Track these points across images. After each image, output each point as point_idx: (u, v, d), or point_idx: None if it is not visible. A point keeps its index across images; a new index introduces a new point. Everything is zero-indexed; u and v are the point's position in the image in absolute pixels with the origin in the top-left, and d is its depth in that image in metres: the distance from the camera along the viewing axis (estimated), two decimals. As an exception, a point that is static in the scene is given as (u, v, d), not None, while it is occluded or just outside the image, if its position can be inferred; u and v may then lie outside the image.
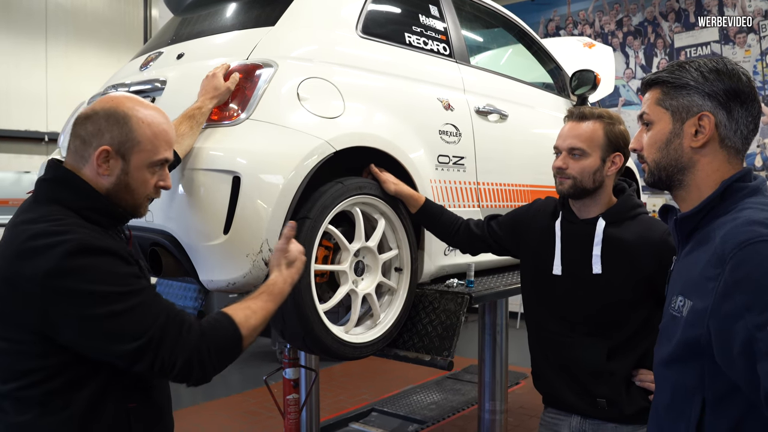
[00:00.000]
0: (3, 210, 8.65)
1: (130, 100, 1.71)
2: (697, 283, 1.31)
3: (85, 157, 1.65)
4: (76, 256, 1.48)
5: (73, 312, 1.48)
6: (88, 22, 9.43)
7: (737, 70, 1.41)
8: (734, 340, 1.19)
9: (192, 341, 1.57)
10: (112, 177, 1.66)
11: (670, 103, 1.46)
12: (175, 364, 1.54)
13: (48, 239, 1.49)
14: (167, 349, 1.53)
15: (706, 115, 1.41)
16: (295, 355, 3.55)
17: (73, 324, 1.49)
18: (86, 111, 1.68)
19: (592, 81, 3.91)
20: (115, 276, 1.52)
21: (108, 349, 1.51)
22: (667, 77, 1.47)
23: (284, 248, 1.92)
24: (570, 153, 2.24)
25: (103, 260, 1.52)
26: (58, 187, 1.64)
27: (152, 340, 1.51)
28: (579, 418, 2.28)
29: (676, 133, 1.45)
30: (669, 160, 1.47)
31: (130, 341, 1.50)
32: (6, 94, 8.68)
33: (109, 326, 1.49)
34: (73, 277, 1.47)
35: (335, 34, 2.67)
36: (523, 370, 6.01)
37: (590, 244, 2.21)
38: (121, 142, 1.65)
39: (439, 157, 2.89)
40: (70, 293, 1.47)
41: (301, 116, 2.34)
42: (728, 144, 1.42)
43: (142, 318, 1.52)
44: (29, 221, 1.57)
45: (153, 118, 1.70)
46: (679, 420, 1.37)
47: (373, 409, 5.58)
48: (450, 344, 2.53)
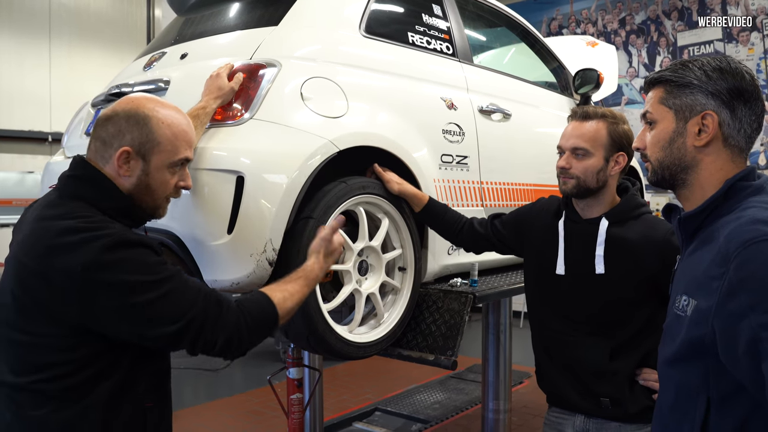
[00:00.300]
0: (6, 210, 8.67)
1: (151, 101, 1.73)
2: (702, 282, 1.31)
3: (105, 158, 1.67)
4: (114, 250, 1.53)
5: (113, 303, 1.52)
6: (91, 23, 9.45)
7: (741, 68, 1.41)
8: (739, 340, 1.19)
9: (231, 320, 1.64)
10: (133, 178, 1.69)
11: (673, 102, 1.46)
12: (216, 342, 1.62)
13: (83, 234, 1.52)
14: (209, 329, 1.60)
15: (710, 114, 1.41)
16: (298, 354, 3.55)
17: (114, 314, 1.54)
18: (107, 112, 1.70)
19: (596, 80, 3.91)
20: (149, 266, 1.57)
21: (150, 334, 1.57)
22: (671, 76, 1.46)
23: (328, 238, 1.99)
24: (573, 152, 2.24)
25: (136, 252, 1.57)
26: (85, 184, 1.66)
27: (193, 320, 1.58)
28: (583, 417, 2.28)
29: (680, 132, 1.45)
30: (672, 159, 1.46)
31: (170, 324, 1.56)
32: (9, 94, 8.70)
33: (149, 313, 1.55)
34: (111, 270, 1.51)
35: (338, 33, 2.67)
36: (526, 369, 6.01)
37: (593, 244, 2.21)
38: (142, 143, 1.67)
39: (442, 157, 2.89)
40: (109, 286, 1.51)
41: (305, 116, 2.34)
42: (732, 143, 1.41)
43: (178, 302, 1.58)
44: (57, 217, 1.59)
45: (173, 119, 1.73)
46: (684, 420, 1.37)
47: (376, 408, 5.58)
48: (454, 344, 2.53)
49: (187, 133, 1.76)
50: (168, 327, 1.56)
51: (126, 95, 1.78)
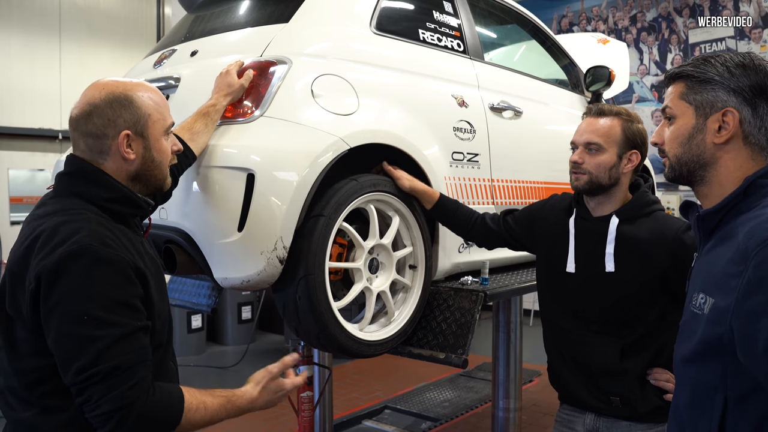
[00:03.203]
0: (18, 207, 8.72)
1: (118, 83, 1.68)
2: (720, 280, 1.29)
3: (104, 150, 1.64)
4: (76, 260, 1.46)
5: (54, 319, 1.46)
6: (101, 21, 9.48)
7: (764, 65, 1.39)
8: (758, 338, 1.17)
9: (126, 399, 1.47)
10: (138, 158, 1.67)
11: (693, 98, 1.44)
12: (98, 407, 1.46)
13: (56, 238, 1.48)
14: (100, 391, 1.46)
15: (731, 111, 1.39)
16: (309, 352, 3.54)
17: (51, 329, 1.47)
18: (84, 108, 1.64)
19: (607, 77, 3.88)
20: (106, 298, 1.48)
21: (61, 364, 1.48)
22: (692, 71, 1.45)
23: (273, 374, 1.82)
24: (586, 148, 2.23)
25: (102, 273, 1.48)
26: (79, 180, 1.64)
27: (96, 375, 1.45)
28: (593, 415, 2.28)
29: (699, 129, 1.43)
30: (691, 155, 1.44)
31: (80, 370, 1.45)
32: (20, 92, 8.74)
33: (73, 345, 1.46)
34: (65, 282, 1.45)
35: (349, 30, 2.66)
36: (537, 367, 5.99)
37: (603, 242, 2.20)
38: (136, 122, 1.65)
39: (453, 154, 2.88)
40: (59, 299, 1.45)
41: (316, 113, 2.33)
42: (752, 141, 1.39)
43: (106, 352, 1.46)
44: (44, 215, 1.57)
45: (147, 89, 1.71)
46: (701, 418, 1.35)
47: (386, 406, 5.57)
48: (465, 342, 2.52)
49: (163, 98, 1.75)
50: (76, 370, 1.45)
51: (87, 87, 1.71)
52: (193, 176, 2.21)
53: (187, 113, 2.23)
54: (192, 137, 2.16)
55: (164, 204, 2.23)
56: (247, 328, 7.91)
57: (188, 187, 2.23)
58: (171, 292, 3.62)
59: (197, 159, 2.19)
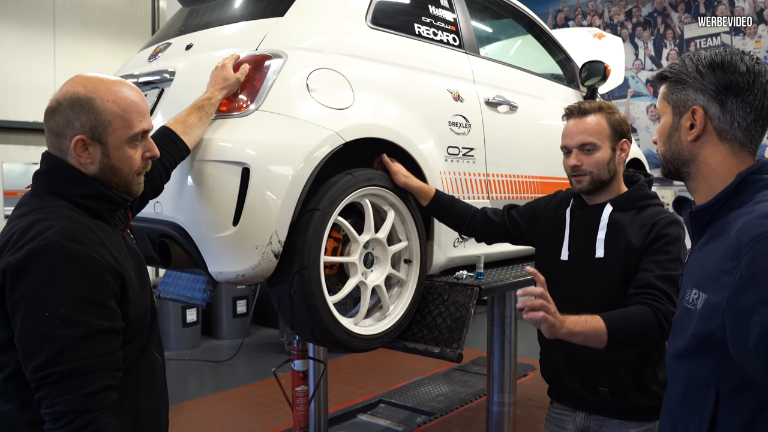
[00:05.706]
0: (12, 201, 8.70)
1: (89, 80, 1.64)
2: (712, 276, 1.30)
3: (63, 150, 1.62)
4: (41, 256, 1.44)
5: (18, 314, 1.45)
6: (96, 14, 9.42)
7: (736, 61, 1.40)
8: (749, 335, 1.18)
9: (80, 405, 1.44)
10: (95, 163, 1.63)
11: (671, 98, 1.49)
12: (50, 406, 1.44)
13: (27, 235, 1.47)
14: (54, 392, 1.43)
15: (697, 108, 1.42)
16: (303, 346, 3.55)
17: (16, 325, 1.46)
18: (51, 104, 1.62)
19: (602, 72, 3.89)
20: (70, 296, 1.46)
21: (22, 359, 1.47)
22: (668, 72, 1.50)
23: None
24: (582, 149, 2.25)
25: (66, 269, 1.46)
26: (53, 177, 1.62)
27: (51, 375, 1.43)
28: (584, 414, 2.30)
29: (675, 127, 1.48)
30: (672, 153, 1.49)
31: (37, 368, 1.43)
32: (15, 86, 8.69)
33: (33, 341, 1.44)
34: (28, 278, 1.44)
35: (344, 24, 2.65)
36: (531, 362, 6.01)
37: (596, 229, 2.24)
38: (93, 128, 1.60)
39: (448, 149, 2.88)
40: (22, 294, 1.44)
41: (311, 107, 2.33)
42: (727, 137, 1.41)
43: (65, 353, 1.43)
44: (20, 216, 1.57)
45: (117, 94, 1.63)
46: (693, 413, 1.36)
47: (381, 400, 5.58)
48: (459, 336, 2.53)
49: (136, 104, 1.66)
50: (34, 367, 1.43)
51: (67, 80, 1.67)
52: (188, 170, 2.21)
53: (181, 107, 2.23)
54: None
55: (159, 198, 2.22)
56: (242, 323, 7.91)
57: (183, 181, 2.23)
58: (166, 286, 3.63)
59: (192, 153, 2.19)
